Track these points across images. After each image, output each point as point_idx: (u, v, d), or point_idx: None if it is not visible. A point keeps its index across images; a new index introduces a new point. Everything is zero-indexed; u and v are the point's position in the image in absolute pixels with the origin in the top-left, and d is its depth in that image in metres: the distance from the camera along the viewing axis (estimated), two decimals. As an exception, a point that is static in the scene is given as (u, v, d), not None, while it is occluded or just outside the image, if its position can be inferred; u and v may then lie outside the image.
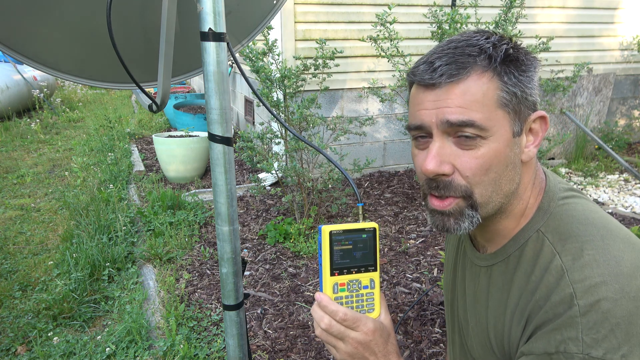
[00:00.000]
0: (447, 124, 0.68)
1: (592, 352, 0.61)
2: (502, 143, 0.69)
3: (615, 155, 3.24)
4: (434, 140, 0.71)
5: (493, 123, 0.68)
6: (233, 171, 0.88)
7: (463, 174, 0.70)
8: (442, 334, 2.30)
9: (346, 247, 0.78)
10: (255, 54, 3.17)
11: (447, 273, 1.02)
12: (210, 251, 3.15)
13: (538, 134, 0.74)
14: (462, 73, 0.68)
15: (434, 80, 0.69)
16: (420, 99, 0.72)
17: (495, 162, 0.69)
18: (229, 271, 0.92)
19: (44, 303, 2.58)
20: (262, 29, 1.29)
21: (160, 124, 7.29)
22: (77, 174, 4.88)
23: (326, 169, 3.38)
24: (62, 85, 11.80)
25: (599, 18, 4.97)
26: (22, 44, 1.00)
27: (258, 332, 2.35)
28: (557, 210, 0.74)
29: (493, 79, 0.68)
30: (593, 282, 0.64)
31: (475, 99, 0.67)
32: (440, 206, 0.74)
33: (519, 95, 0.69)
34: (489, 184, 0.71)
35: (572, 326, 0.63)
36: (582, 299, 0.63)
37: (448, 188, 0.72)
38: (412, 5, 4.20)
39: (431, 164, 0.70)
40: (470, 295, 0.88)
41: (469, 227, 0.73)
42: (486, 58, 0.68)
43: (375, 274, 0.80)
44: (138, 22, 1.09)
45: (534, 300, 0.70)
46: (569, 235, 0.70)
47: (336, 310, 0.73)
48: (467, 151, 0.70)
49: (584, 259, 0.66)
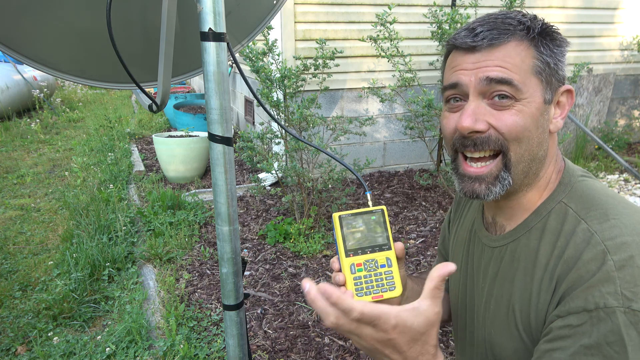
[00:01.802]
0: (486, 80, 0.72)
1: (633, 304, 0.62)
2: (534, 107, 0.73)
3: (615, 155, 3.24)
4: (469, 100, 0.75)
5: (527, 87, 0.72)
6: (233, 171, 0.88)
7: (500, 131, 0.74)
8: (442, 333, 2.30)
9: (358, 229, 0.80)
10: (255, 54, 3.17)
11: (455, 272, 1.01)
12: (210, 251, 3.15)
13: (565, 107, 0.78)
14: (503, 38, 0.72)
15: (475, 43, 0.73)
16: (459, 61, 0.76)
17: (529, 121, 0.73)
18: (229, 271, 0.92)
19: (44, 303, 2.58)
20: (262, 29, 1.29)
21: (160, 124, 7.29)
22: (77, 174, 4.88)
23: (326, 169, 3.38)
24: (62, 85, 11.80)
25: (599, 18, 4.97)
26: (22, 44, 1.00)
27: (258, 332, 2.35)
28: (577, 185, 0.78)
29: (530, 48, 0.73)
30: (624, 240, 0.66)
31: (514, 62, 0.72)
32: (476, 172, 0.77)
33: (552, 66, 0.74)
34: (523, 141, 0.74)
35: (610, 281, 0.63)
36: (616, 254, 0.65)
37: (485, 143, 0.74)
38: (412, 5, 4.20)
39: (467, 120, 0.73)
40: (490, 278, 0.86)
41: (500, 191, 0.76)
42: (525, 29, 0.73)
43: (391, 252, 0.81)
44: (138, 22, 1.09)
45: (562, 262, 0.70)
46: (592, 204, 0.73)
47: (350, 308, 0.59)
48: (502, 111, 0.73)
49: (610, 222, 0.69)
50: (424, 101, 3.36)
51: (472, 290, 0.93)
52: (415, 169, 4.75)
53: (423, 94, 3.39)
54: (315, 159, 3.48)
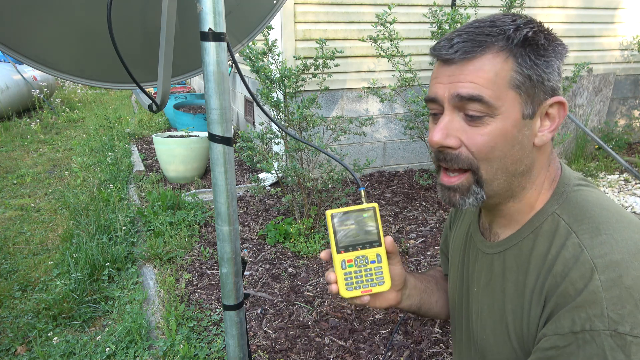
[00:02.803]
0: (458, 97, 0.71)
1: (619, 327, 0.61)
2: (509, 123, 0.71)
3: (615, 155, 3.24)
4: (444, 114, 0.74)
5: (502, 102, 0.70)
6: (233, 171, 0.88)
7: (469, 149, 0.73)
8: (442, 334, 2.30)
9: (349, 226, 0.83)
10: (255, 54, 3.17)
11: (453, 272, 1.01)
12: (210, 251, 3.15)
13: (555, 119, 0.75)
14: (477, 51, 0.70)
15: (449, 56, 0.72)
16: (437, 73, 0.76)
17: (500, 140, 0.71)
18: (229, 271, 0.92)
19: (44, 303, 2.58)
20: (262, 29, 1.29)
21: (160, 124, 7.29)
22: (77, 174, 4.88)
23: (326, 169, 3.37)
24: (62, 85, 11.80)
25: (599, 18, 4.97)
26: (22, 44, 1.00)
27: (258, 332, 2.35)
28: (572, 195, 0.76)
29: (508, 60, 0.70)
30: (613, 259, 0.64)
31: (488, 77, 0.70)
32: (448, 182, 0.77)
33: (534, 78, 0.71)
34: (494, 161, 0.73)
35: (596, 302, 0.63)
36: (604, 274, 0.64)
37: (455, 160, 0.74)
38: (412, 5, 4.20)
39: (437, 135, 0.73)
40: (483, 284, 0.87)
41: (474, 203, 0.76)
42: (504, 39, 0.70)
43: (381, 249, 0.85)
44: (138, 22, 1.09)
45: (551, 277, 0.70)
46: (584, 217, 0.72)
47: None
48: (475, 127, 0.72)
49: (601, 237, 0.67)
50: (424, 101, 3.36)
51: (467, 293, 0.93)
52: (415, 169, 4.75)
53: (423, 94, 3.39)
54: (315, 159, 3.48)
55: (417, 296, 1.00)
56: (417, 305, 1.01)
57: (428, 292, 1.05)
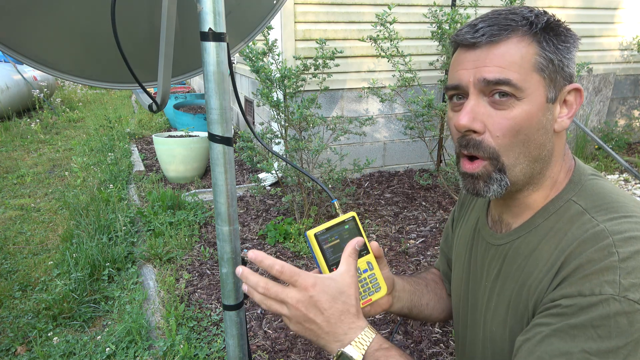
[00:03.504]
0: (484, 82, 0.71)
1: (629, 294, 0.61)
2: (535, 106, 0.72)
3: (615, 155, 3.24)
4: (469, 98, 0.74)
5: (528, 85, 0.71)
6: (233, 171, 0.88)
7: (493, 134, 0.73)
8: (442, 334, 2.30)
9: (334, 242, 0.81)
10: (255, 54, 3.17)
11: (458, 269, 1.00)
12: (210, 251, 3.15)
13: (572, 106, 0.76)
14: (503, 35, 0.71)
15: (475, 40, 0.72)
16: (461, 59, 0.75)
17: (526, 124, 0.72)
18: (229, 271, 0.92)
19: (44, 303, 2.58)
20: (262, 29, 1.29)
21: (160, 124, 7.29)
22: (77, 174, 4.88)
23: (326, 169, 3.38)
24: (62, 85, 11.80)
25: (599, 18, 4.97)
26: (22, 44, 1.00)
27: (258, 332, 2.35)
28: (588, 184, 0.77)
29: (532, 44, 0.71)
30: (632, 235, 0.65)
31: (514, 60, 0.70)
32: (470, 169, 0.77)
33: (556, 63, 0.72)
34: (517, 145, 0.73)
35: (610, 270, 0.63)
36: (622, 247, 0.64)
37: (477, 147, 0.74)
38: (412, 5, 4.20)
39: (464, 119, 0.73)
40: (494, 276, 0.85)
41: (498, 190, 0.75)
42: (527, 24, 0.71)
43: (369, 256, 0.85)
44: (138, 22, 1.09)
45: (567, 252, 0.69)
46: (602, 202, 0.72)
47: (272, 264, 0.70)
48: (500, 111, 0.72)
49: (620, 219, 0.68)
50: (424, 101, 3.36)
51: (474, 289, 0.92)
52: (415, 169, 4.75)
53: (423, 94, 3.39)
54: (315, 159, 3.48)
55: (407, 298, 1.01)
56: (408, 308, 1.01)
57: (417, 294, 1.04)
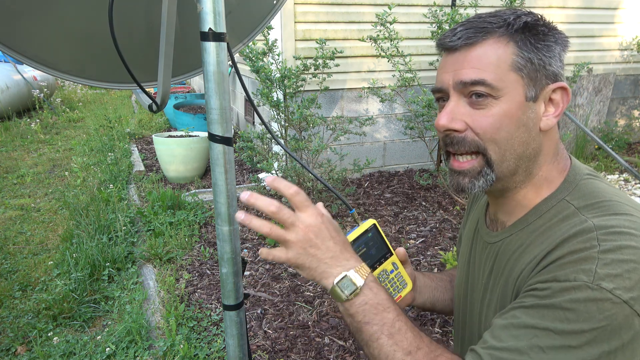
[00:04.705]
0: (461, 84, 0.74)
1: (603, 283, 0.61)
2: (514, 104, 0.73)
3: (615, 155, 3.24)
4: (450, 100, 0.77)
5: (505, 84, 0.72)
6: (233, 171, 0.88)
7: (475, 131, 0.75)
8: (442, 334, 2.30)
9: (362, 250, 0.90)
10: (255, 54, 3.18)
11: (460, 267, 1.01)
12: (210, 251, 3.15)
13: (559, 105, 0.76)
14: (479, 37, 0.73)
15: (453, 43, 0.75)
16: (443, 63, 0.79)
17: (505, 121, 0.73)
18: (229, 271, 0.92)
19: (44, 303, 2.58)
20: (262, 29, 1.29)
21: (160, 124, 7.29)
22: (77, 174, 4.88)
23: (326, 168, 3.38)
24: (62, 85, 11.80)
25: (599, 18, 4.97)
26: (22, 44, 1.00)
27: (258, 332, 2.35)
28: (582, 184, 0.77)
29: (509, 44, 0.73)
30: (618, 230, 0.65)
31: (490, 61, 0.72)
32: (459, 167, 0.79)
33: (536, 62, 0.73)
34: (500, 142, 0.74)
35: (589, 260, 0.63)
36: (605, 241, 0.64)
37: (461, 143, 0.76)
38: (412, 5, 4.20)
39: (443, 119, 0.75)
40: (487, 274, 0.86)
41: (484, 185, 0.77)
42: (505, 25, 0.73)
43: (393, 257, 0.94)
44: (138, 22, 1.09)
45: (553, 246, 0.70)
46: (596, 202, 0.72)
47: (288, 184, 0.73)
48: (479, 110, 0.74)
49: (609, 216, 0.68)
50: (424, 101, 3.36)
51: (472, 288, 0.93)
52: (415, 169, 4.75)
53: (423, 94, 3.39)
54: (316, 159, 3.48)
55: (429, 293, 1.06)
56: (431, 302, 1.07)
57: (440, 289, 1.09)
